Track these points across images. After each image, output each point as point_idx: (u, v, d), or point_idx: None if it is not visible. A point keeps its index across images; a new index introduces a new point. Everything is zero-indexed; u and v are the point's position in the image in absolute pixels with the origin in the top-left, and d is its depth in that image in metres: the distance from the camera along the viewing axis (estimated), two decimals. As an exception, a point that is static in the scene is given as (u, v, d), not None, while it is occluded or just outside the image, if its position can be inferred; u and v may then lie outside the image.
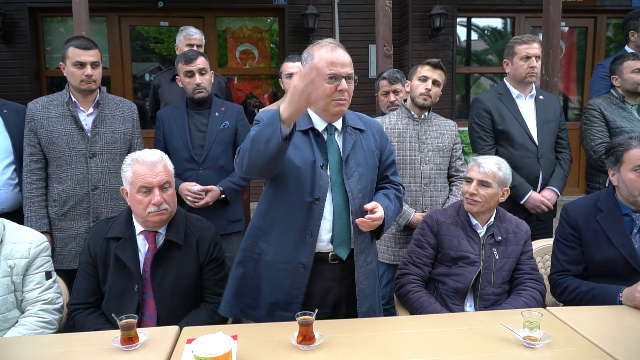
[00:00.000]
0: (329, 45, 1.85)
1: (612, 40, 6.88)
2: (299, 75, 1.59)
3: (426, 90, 2.70)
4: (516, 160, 2.52)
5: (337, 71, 1.81)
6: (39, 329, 1.97)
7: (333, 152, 1.91)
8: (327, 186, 1.87)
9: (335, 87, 1.82)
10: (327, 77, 1.80)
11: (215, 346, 1.47)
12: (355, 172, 1.91)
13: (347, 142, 1.92)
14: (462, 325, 1.83)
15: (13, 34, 5.93)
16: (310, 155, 1.87)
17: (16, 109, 2.78)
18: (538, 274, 2.28)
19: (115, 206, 2.65)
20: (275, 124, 1.63)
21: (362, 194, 1.92)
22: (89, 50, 2.59)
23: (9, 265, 1.97)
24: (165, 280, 2.01)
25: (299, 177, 1.86)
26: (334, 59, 1.82)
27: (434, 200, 2.76)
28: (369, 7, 5.39)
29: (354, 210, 1.90)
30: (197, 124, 2.89)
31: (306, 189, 1.86)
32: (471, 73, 6.94)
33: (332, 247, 1.91)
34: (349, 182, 1.89)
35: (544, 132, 2.94)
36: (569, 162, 3.03)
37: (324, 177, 1.87)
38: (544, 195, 2.90)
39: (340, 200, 1.90)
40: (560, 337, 1.71)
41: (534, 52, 2.89)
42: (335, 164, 1.90)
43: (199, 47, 3.45)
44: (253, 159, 1.71)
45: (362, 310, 1.96)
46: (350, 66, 1.86)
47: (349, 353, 1.62)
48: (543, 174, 2.92)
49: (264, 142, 1.65)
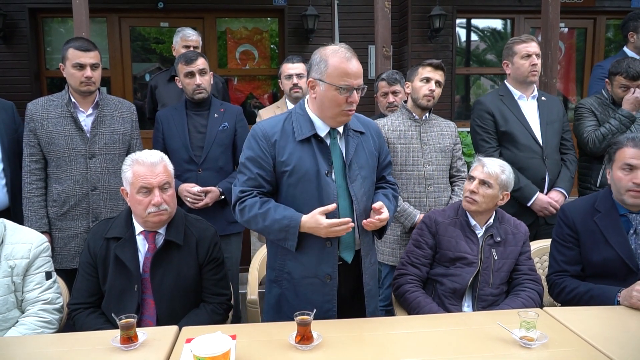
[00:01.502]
0: (344, 54, 1.83)
1: (612, 41, 6.88)
2: (327, 227, 1.78)
3: (430, 91, 2.70)
4: (521, 162, 2.50)
5: (350, 83, 1.81)
6: (39, 328, 1.98)
7: (336, 156, 1.92)
8: (335, 193, 1.88)
9: (346, 99, 1.82)
10: (339, 87, 1.80)
11: (214, 346, 1.49)
12: (359, 176, 1.92)
13: (350, 146, 1.93)
14: (459, 325, 1.84)
15: (13, 35, 5.93)
16: (313, 164, 1.87)
17: (3, 105, 2.77)
18: (536, 274, 2.28)
19: (115, 206, 2.66)
20: (292, 236, 1.83)
21: (366, 196, 1.94)
22: (89, 52, 2.60)
23: (10, 265, 1.99)
24: (165, 280, 2.02)
25: (307, 189, 1.87)
26: (349, 71, 1.81)
27: (438, 201, 2.77)
28: (368, 8, 5.39)
29: (359, 214, 1.91)
30: (196, 125, 2.90)
31: (316, 199, 1.86)
32: (470, 74, 6.94)
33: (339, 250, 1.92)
34: (353, 186, 1.90)
35: (548, 132, 2.91)
36: (575, 163, 3.00)
37: (330, 184, 1.87)
38: (551, 196, 2.86)
39: (346, 204, 1.91)
40: (556, 337, 1.72)
41: (534, 50, 2.88)
42: (340, 168, 1.91)
43: (196, 49, 3.45)
44: (259, 231, 1.91)
45: (369, 310, 1.99)
46: (361, 77, 1.85)
47: (347, 353, 1.63)
48: (549, 175, 2.88)
49: (274, 236, 1.87)
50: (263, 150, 1.89)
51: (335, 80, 1.81)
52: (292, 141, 1.89)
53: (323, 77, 1.83)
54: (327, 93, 1.83)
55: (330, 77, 1.81)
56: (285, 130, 1.91)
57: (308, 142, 1.89)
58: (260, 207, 1.85)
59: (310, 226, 1.80)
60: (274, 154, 1.89)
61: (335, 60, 1.81)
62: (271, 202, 1.88)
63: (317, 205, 1.84)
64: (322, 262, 1.90)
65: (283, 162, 1.87)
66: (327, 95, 1.83)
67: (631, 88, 2.95)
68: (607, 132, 2.94)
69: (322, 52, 1.86)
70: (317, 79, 1.85)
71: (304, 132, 1.88)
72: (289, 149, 1.88)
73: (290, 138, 1.89)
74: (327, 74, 1.82)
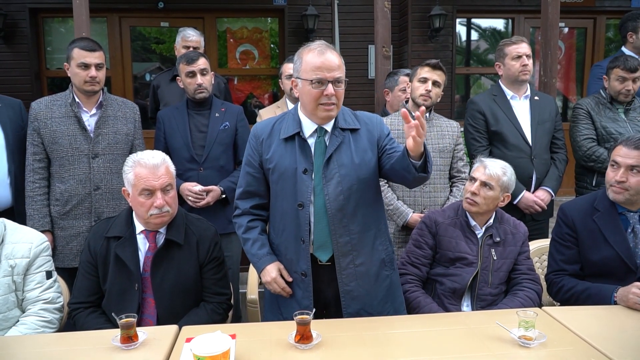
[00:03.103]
0: (317, 49, 1.85)
1: (612, 40, 6.88)
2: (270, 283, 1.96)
3: (426, 91, 2.71)
4: (509, 161, 2.54)
5: (322, 76, 1.82)
6: (39, 328, 1.99)
7: (320, 155, 1.92)
8: (309, 191, 1.89)
9: (321, 92, 1.83)
10: (311, 81, 1.82)
11: (214, 345, 1.49)
12: (337, 174, 1.89)
13: (331, 144, 1.92)
14: (458, 324, 1.85)
15: (14, 35, 5.94)
16: (292, 162, 1.90)
17: (11, 103, 2.77)
18: (535, 274, 2.29)
19: (117, 206, 2.67)
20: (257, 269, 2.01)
21: (344, 196, 1.89)
22: (94, 52, 2.61)
23: (10, 264, 1.99)
24: (165, 279, 2.02)
25: (284, 186, 1.92)
26: (321, 64, 1.82)
27: (433, 201, 2.78)
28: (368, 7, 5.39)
29: (331, 213, 1.89)
30: (197, 125, 2.91)
31: (292, 196, 1.90)
32: (471, 73, 6.95)
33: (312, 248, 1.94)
34: (327, 185, 1.89)
35: (538, 132, 2.96)
36: (565, 162, 3.05)
37: (305, 182, 1.89)
38: (538, 195, 2.92)
39: (322, 203, 1.90)
40: (555, 337, 1.72)
41: (524, 51, 2.95)
42: (320, 167, 1.91)
43: (196, 49, 3.45)
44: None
45: (349, 312, 1.96)
46: (339, 70, 1.84)
47: (346, 352, 1.64)
48: (537, 174, 2.94)
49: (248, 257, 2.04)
50: (252, 148, 1.99)
51: (308, 75, 1.84)
52: (278, 140, 1.94)
53: (299, 73, 1.87)
54: (304, 88, 1.87)
55: (305, 72, 1.85)
56: (275, 129, 1.97)
57: (292, 141, 1.92)
58: (243, 232, 2.03)
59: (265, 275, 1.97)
60: (260, 151, 1.97)
61: (309, 56, 1.85)
62: (252, 233, 2.02)
63: (292, 202, 1.90)
64: (299, 258, 1.94)
65: (267, 159, 1.95)
66: (304, 90, 1.87)
67: (628, 80, 2.97)
68: (601, 157, 2.98)
69: (300, 51, 1.92)
70: (295, 77, 1.91)
71: (288, 131, 1.92)
72: (273, 147, 1.94)
73: (277, 137, 1.95)
74: (302, 70, 1.86)
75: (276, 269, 1.96)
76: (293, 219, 1.92)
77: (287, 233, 1.95)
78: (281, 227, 1.97)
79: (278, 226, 1.98)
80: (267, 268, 1.96)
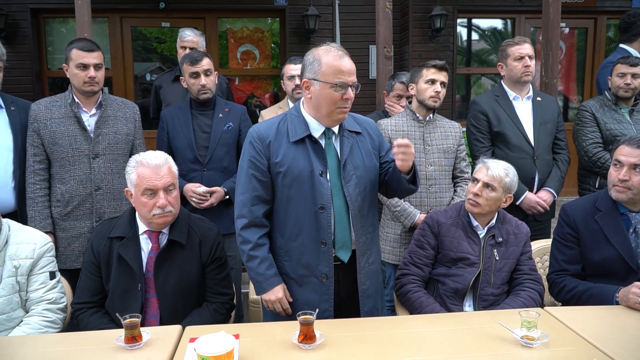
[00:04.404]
0: (337, 51, 1.85)
1: (612, 40, 6.89)
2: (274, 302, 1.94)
3: (436, 93, 2.72)
4: (512, 162, 2.55)
5: (345, 80, 1.83)
6: (43, 328, 1.99)
7: (331, 156, 1.93)
8: (329, 193, 1.90)
9: (341, 96, 1.84)
10: (334, 85, 1.82)
11: (218, 345, 1.50)
12: (354, 176, 1.93)
13: (345, 147, 1.94)
14: (460, 324, 1.85)
15: (15, 35, 5.95)
16: (307, 164, 1.89)
17: (24, 106, 2.76)
18: (537, 274, 2.29)
19: (118, 206, 2.67)
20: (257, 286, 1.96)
21: (361, 197, 1.94)
22: (92, 52, 2.61)
23: (14, 265, 2.00)
24: (168, 279, 2.03)
25: (300, 189, 1.89)
26: (343, 68, 1.83)
27: (439, 202, 2.78)
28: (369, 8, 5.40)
29: (353, 214, 1.93)
30: (201, 125, 2.91)
31: (310, 199, 1.89)
32: (471, 74, 6.96)
33: (334, 250, 1.94)
34: (348, 186, 1.92)
35: (540, 133, 2.96)
36: (567, 162, 3.05)
37: (324, 184, 1.89)
38: (540, 196, 2.92)
39: (341, 204, 1.92)
40: (557, 337, 1.73)
41: (527, 51, 2.95)
42: (334, 169, 1.93)
43: (194, 49, 3.44)
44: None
45: (365, 310, 1.99)
46: (355, 74, 1.87)
47: (350, 352, 1.64)
48: (539, 175, 2.94)
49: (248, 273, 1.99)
50: (258, 151, 1.93)
51: (329, 78, 1.83)
52: (287, 142, 1.92)
53: (317, 76, 1.85)
54: (323, 91, 1.85)
55: (325, 76, 1.84)
56: (280, 131, 1.94)
57: (302, 143, 1.92)
58: (251, 248, 1.94)
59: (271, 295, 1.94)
60: (268, 155, 1.92)
61: (329, 59, 1.84)
62: (261, 251, 1.94)
63: (311, 205, 1.89)
64: (320, 262, 1.92)
65: (277, 163, 1.91)
66: (323, 93, 1.86)
67: (627, 75, 2.98)
68: (607, 163, 2.96)
69: (315, 52, 1.89)
70: (311, 79, 1.88)
71: (298, 133, 1.91)
72: (283, 150, 1.91)
73: (285, 139, 1.92)
74: (322, 73, 1.84)
75: (282, 290, 1.95)
76: (312, 222, 1.91)
77: (303, 237, 1.92)
78: (295, 232, 1.93)
79: (292, 231, 1.94)
80: (275, 289, 1.93)
